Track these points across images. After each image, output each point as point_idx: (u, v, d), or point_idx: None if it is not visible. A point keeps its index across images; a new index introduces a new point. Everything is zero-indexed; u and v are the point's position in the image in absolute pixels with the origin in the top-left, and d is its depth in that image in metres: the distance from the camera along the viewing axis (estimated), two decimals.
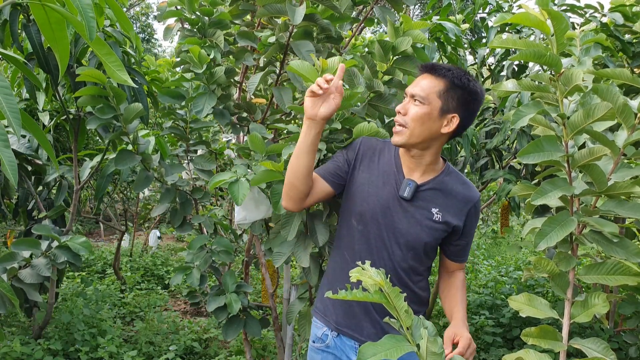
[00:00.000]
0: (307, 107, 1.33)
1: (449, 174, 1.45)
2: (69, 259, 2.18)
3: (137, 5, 13.60)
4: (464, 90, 1.34)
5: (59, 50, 1.11)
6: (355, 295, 0.76)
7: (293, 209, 1.47)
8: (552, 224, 1.28)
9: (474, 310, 3.78)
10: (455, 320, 1.38)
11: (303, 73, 1.47)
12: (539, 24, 1.22)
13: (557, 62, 1.21)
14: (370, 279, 0.74)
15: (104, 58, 1.10)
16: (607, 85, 1.24)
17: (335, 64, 1.44)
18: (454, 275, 1.53)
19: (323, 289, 1.57)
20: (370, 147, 1.50)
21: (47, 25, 1.06)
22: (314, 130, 1.35)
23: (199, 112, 1.88)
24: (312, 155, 1.38)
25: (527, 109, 1.29)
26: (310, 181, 1.42)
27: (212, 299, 2.04)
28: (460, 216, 1.43)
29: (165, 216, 6.47)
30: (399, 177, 1.43)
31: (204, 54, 1.86)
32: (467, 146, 2.67)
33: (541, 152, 1.25)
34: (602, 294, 1.27)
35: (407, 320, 0.75)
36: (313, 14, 1.80)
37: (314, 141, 1.36)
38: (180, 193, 2.14)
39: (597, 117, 1.20)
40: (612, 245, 1.28)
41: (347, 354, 1.48)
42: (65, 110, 2.52)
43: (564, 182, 1.29)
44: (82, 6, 1.01)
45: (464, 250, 1.51)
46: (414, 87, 1.37)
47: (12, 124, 0.95)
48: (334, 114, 1.36)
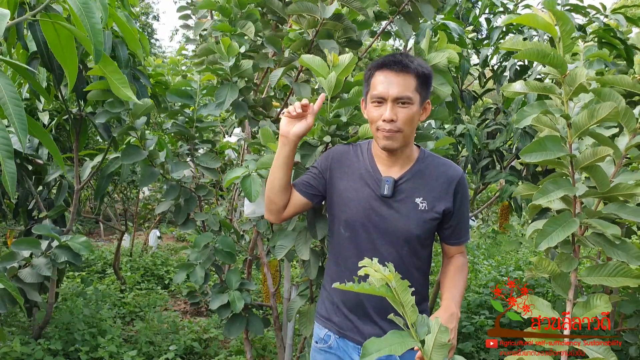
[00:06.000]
0: (281, 125, 1.42)
1: (424, 160, 1.44)
2: (70, 259, 2.18)
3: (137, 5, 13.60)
4: (428, 76, 1.37)
5: (68, 66, 1.14)
6: (363, 287, 0.76)
7: (273, 220, 1.56)
8: (554, 224, 1.28)
9: (474, 310, 3.78)
10: (439, 309, 1.35)
11: (314, 67, 1.50)
12: (546, 25, 1.22)
13: (562, 62, 1.21)
14: (378, 272, 0.74)
15: (109, 75, 1.14)
16: (610, 89, 1.25)
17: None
18: (451, 261, 1.50)
19: (323, 297, 1.57)
20: (342, 155, 1.51)
21: (57, 42, 1.09)
22: (287, 147, 1.43)
23: (220, 104, 1.89)
24: (287, 171, 1.45)
25: (531, 109, 1.29)
26: (286, 195, 1.49)
27: (215, 297, 2.05)
28: (447, 198, 1.41)
29: (166, 216, 6.47)
30: (376, 177, 1.43)
31: (235, 45, 1.87)
32: (469, 146, 2.67)
33: (544, 151, 1.25)
34: (604, 295, 1.27)
35: (412, 316, 0.75)
36: (340, 14, 1.87)
37: (287, 158, 1.44)
38: (184, 190, 2.15)
39: (601, 117, 1.20)
40: (613, 248, 1.28)
41: (350, 354, 1.48)
42: (67, 109, 2.52)
43: (567, 183, 1.29)
44: (92, 26, 1.02)
45: (457, 231, 1.46)
46: (394, 89, 1.32)
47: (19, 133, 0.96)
48: (306, 133, 1.43)
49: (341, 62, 1.48)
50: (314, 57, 1.51)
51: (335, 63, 1.48)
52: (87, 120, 2.63)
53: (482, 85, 3.16)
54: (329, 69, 1.52)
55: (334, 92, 1.54)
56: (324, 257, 1.82)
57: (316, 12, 1.81)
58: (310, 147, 1.69)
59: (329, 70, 1.52)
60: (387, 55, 1.38)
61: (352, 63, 1.50)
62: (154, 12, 14.44)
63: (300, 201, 1.51)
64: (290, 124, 1.42)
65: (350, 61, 1.50)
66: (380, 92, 1.34)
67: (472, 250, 6.32)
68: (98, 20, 1.02)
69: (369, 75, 1.39)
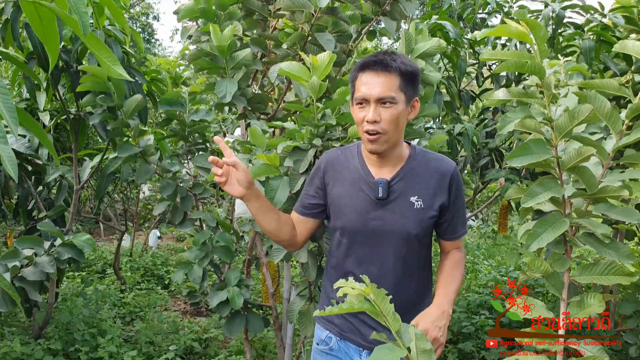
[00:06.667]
0: (230, 192, 1.37)
1: (415, 157, 1.42)
2: (73, 256, 2.19)
3: (137, 5, 13.61)
4: (414, 73, 1.35)
5: (49, 46, 1.12)
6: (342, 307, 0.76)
7: (295, 250, 1.60)
8: (544, 225, 1.29)
9: (474, 310, 3.78)
10: (431, 305, 1.33)
11: (294, 73, 1.50)
12: (520, 34, 1.25)
13: (540, 69, 1.24)
14: (355, 289, 0.75)
15: (97, 53, 1.10)
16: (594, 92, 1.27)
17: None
18: (448, 256, 1.49)
19: (323, 299, 1.56)
20: (332, 161, 1.48)
21: (38, 22, 1.06)
22: (252, 200, 1.40)
23: (222, 98, 1.90)
24: (269, 216, 1.44)
25: (514, 114, 1.32)
26: (287, 230, 1.48)
27: (214, 294, 2.05)
28: (441, 193, 1.39)
29: (165, 216, 6.48)
30: (369, 180, 1.41)
31: (227, 31, 1.85)
32: (467, 145, 2.67)
33: (529, 155, 1.26)
34: (599, 294, 1.28)
35: (395, 324, 0.75)
36: (334, 7, 1.89)
37: (260, 207, 1.42)
38: (181, 188, 2.16)
39: (581, 119, 1.22)
40: (604, 247, 1.29)
41: (351, 356, 1.47)
42: (65, 109, 2.52)
43: (555, 184, 1.30)
44: (74, 1, 0.99)
45: (453, 225, 1.45)
46: (375, 90, 1.30)
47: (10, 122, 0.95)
48: (249, 176, 1.37)
49: (320, 62, 1.47)
50: (290, 63, 1.52)
51: (315, 65, 1.46)
52: (85, 120, 2.63)
53: (480, 84, 3.17)
54: (309, 72, 1.51)
55: (318, 93, 1.54)
56: (322, 256, 1.82)
57: (309, 7, 1.83)
58: (302, 152, 1.67)
59: (310, 74, 1.52)
60: (370, 55, 1.36)
61: (331, 60, 1.51)
62: (154, 12, 14.43)
63: (308, 223, 1.51)
64: (232, 186, 1.36)
65: (330, 59, 1.50)
66: (363, 93, 1.32)
67: (472, 251, 6.31)
68: None
69: (353, 77, 1.37)
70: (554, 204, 1.39)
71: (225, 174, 1.34)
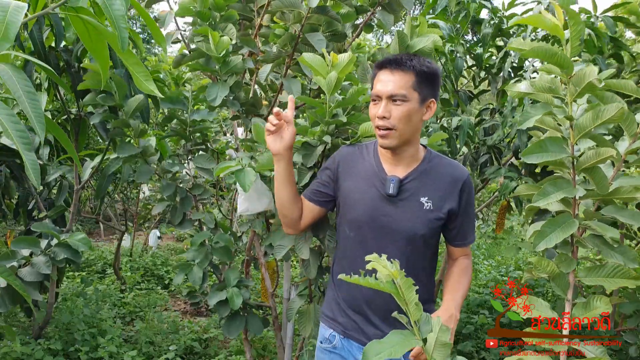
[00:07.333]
0: (269, 144, 1.44)
1: (431, 160, 1.45)
2: (69, 256, 2.18)
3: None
4: (431, 74, 1.36)
5: (99, 59, 1.16)
6: (368, 281, 0.75)
7: (293, 232, 1.60)
8: (553, 225, 1.29)
9: (474, 310, 3.78)
10: (439, 309, 1.35)
11: (314, 66, 1.51)
12: (553, 27, 1.21)
13: (569, 63, 1.21)
14: (385, 269, 0.74)
15: (131, 68, 1.15)
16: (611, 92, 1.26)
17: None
18: (456, 262, 1.51)
19: (329, 298, 1.57)
20: (348, 156, 1.52)
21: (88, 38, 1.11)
22: (283, 162, 1.45)
23: (212, 101, 1.90)
24: (289, 186, 1.47)
25: (535, 110, 1.30)
26: (297, 207, 1.51)
27: (213, 294, 2.05)
28: (452, 198, 1.41)
29: (165, 216, 6.47)
30: (381, 176, 1.43)
31: (225, 39, 1.86)
32: (462, 138, 2.65)
33: (545, 153, 1.26)
34: (605, 297, 1.27)
35: (415, 314, 0.75)
36: (325, 6, 1.88)
37: (286, 172, 1.46)
38: (180, 189, 2.17)
39: (605, 118, 1.20)
40: (611, 250, 1.30)
41: (355, 355, 1.48)
42: (66, 110, 2.52)
43: (567, 184, 1.29)
44: (115, 17, 1.03)
45: (462, 232, 1.47)
46: (388, 87, 1.34)
47: (37, 128, 0.97)
48: (293, 141, 1.45)
49: (340, 61, 1.48)
50: (314, 56, 1.52)
51: (335, 62, 1.48)
52: (86, 120, 2.63)
53: (476, 86, 3.18)
54: (328, 69, 1.52)
55: (332, 91, 1.54)
56: (323, 256, 1.82)
57: (300, 7, 1.83)
58: (311, 147, 1.70)
59: (328, 70, 1.53)
60: (389, 54, 1.41)
61: (351, 61, 1.51)
62: (154, 13, 14.43)
63: (314, 210, 1.54)
64: (276, 141, 1.43)
65: (350, 60, 1.50)
66: (377, 90, 1.37)
67: (472, 251, 6.31)
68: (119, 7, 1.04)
69: (373, 75, 1.42)
70: (563, 204, 1.38)
71: (279, 126, 1.41)
